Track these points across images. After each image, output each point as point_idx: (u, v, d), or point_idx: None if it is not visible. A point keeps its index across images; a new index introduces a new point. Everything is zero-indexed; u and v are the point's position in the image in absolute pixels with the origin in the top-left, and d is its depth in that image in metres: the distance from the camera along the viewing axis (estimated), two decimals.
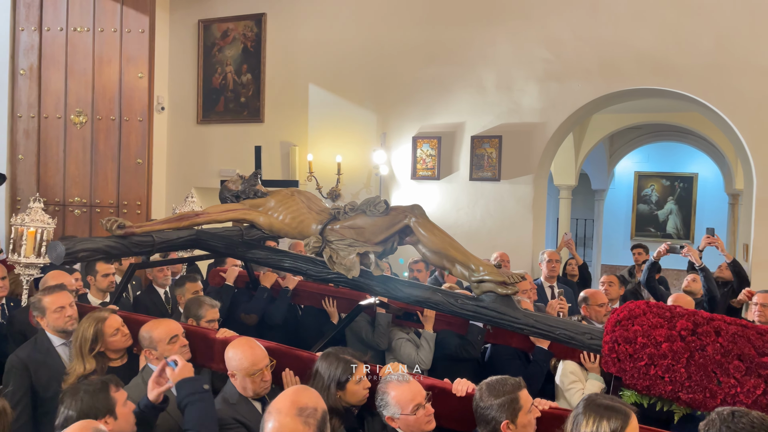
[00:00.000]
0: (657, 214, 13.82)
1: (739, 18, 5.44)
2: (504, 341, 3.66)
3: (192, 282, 4.06)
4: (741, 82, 5.45)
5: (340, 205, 3.28)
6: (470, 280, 2.93)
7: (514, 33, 6.28)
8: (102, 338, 2.93)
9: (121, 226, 3.33)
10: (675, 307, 2.64)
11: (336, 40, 7.06)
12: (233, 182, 3.69)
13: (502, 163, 6.38)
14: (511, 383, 2.35)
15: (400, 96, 6.80)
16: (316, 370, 2.60)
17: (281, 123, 7.36)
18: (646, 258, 6.23)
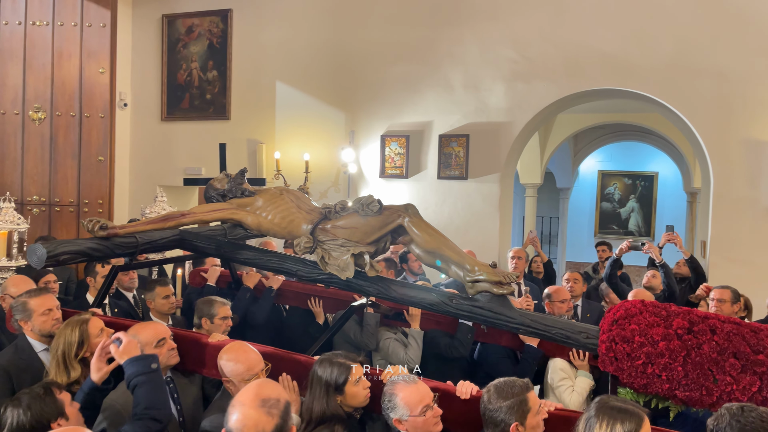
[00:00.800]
0: (619, 212, 14.15)
1: (698, 23, 5.60)
2: (493, 340, 3.64)
3: (162, 286, 3.93)
4: (699, 84, 5.61)
5: (331, 205, 3.21)
6: (465, 280, 2.89)
7: (481, 33, 6.34)
8: (88, 341, 2.81)
9: (104, 227, 3.22)
10: (669, 305, 2.66)
11: (304, 38, 7.02)
12: (219, 181, 3.59)
13: (469, 162, 6.43)
14: (520, 385, 2.33)
15: (369, 94, 6.80)
16: (312, 377, 2.52)
17: (248, 120, 7.28)
18: (609, 255, 6.37)
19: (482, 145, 6.39)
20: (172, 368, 2.83)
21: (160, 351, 2.72)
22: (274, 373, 2.66)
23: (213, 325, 3.41)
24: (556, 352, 3.46)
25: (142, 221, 3.47)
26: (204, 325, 3.43)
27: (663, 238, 5.58)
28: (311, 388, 2.49)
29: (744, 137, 5.49)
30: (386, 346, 3.73)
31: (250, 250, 3.56)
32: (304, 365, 2.71)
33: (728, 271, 5.43)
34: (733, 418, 1.97)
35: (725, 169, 5.57)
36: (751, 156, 5.47)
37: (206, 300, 3.52)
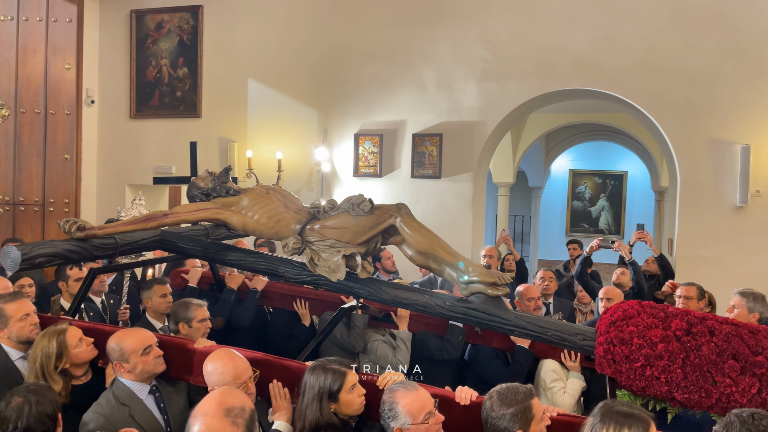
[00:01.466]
0: (590, 211, 14.37)
1: (665, 25, 5.71)
2: (484, 341, 3.58)
3: (161, 284, 3.81)
4: (666, 85, 5.72)
5: (319, 204, 3.12)
6: (458, 281, 2.83)
7: (454, 33, 6.36)
8: (66, 351, 2.69)
9: (81, 228, 3.09)
10: (667, 306, 2.64)
11: (276, 35, 6.95)
12: (202, 179, 3.46)
13: (442, 161, 6.46)
14: (523, 391, 2.26)
15: (342, 93, 6.77)
16: (304, 385, 2.44)
17: (219, 118, 7.18)
18: (580, 253, 6.46)
19: (455, 144, 6.42)
20: (157, 376, 2.73)
21: (146, 359, 2.62)
22: (264, 380, 2.57)
23: (191, 329, 3.28)
24: (547, 353, 3.43)
25: (122, 222, 3.35)
26: (182, 330, 3.31)
27: (634, 236, 5.68)
28: (304, 395, 2.41)
29: (709, 137, 5.61)
30: (374, 348, 3.64)
31: (237, 251, 3.44)
32: (295, 371, 2.63)
33: (695, 268, 5.55)
34: (743, 426, 1.94)
35: (691, 168, 5.69)
36: (716, 155, 5.60)
37: (182, 303, 3.38)
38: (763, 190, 5.46)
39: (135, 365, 2.60)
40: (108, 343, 2.66)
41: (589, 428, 1.95)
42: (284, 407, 2.54)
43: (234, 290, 4.10)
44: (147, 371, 2.63)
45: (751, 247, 5.49)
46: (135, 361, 2.60)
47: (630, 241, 5.70)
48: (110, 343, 2.65)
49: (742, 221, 5.54)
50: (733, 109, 5.53)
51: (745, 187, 5.43)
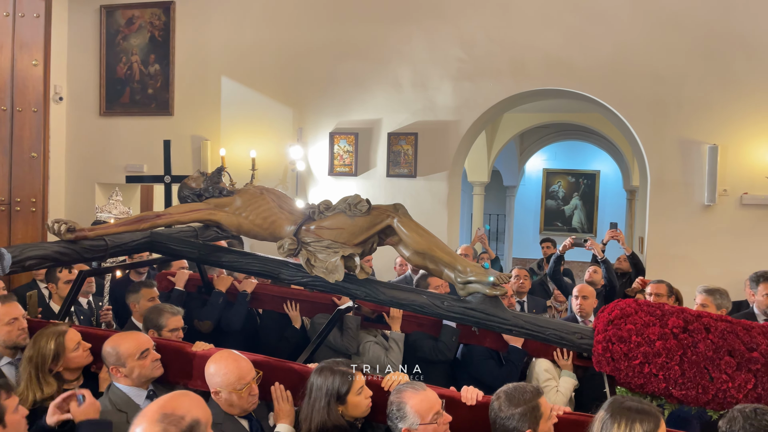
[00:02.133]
0: (563, 209, 14.55)
1: (635, 26, 5.80)
2: (477, 341, 3.57)
3: (148, 288, 3.73)
4: (637, 85, 5.82)
5: (314, 204, 3.07)
6: (456, 281, 2.81)
7: (429, 32, 6.38)
8: (63, 355, 2.61)
9: (72, 230, 3.01)
10: (663, 304, 2.66)
11: (250, 32, 6.88)
12: (194, 180, 3.38)
13: (418, 160, 6.47)
14: (530, 391, 2.26)
15: (317, 91, 6.73)
16: (310, 386, 2.42)
17: (192, 116, 7.08)
18: (554, 251, 6.54)
19: (431, 143, 6.44)
20: (154, 381, 2.67)
21: (143, 363, 2.56)
22: (265, 383, 2.53)
23: (161, 338, 3.21)
24: (539, 351, 3.43)
25: (114, 223, 3.27)
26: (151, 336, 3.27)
27: (607, 234, 5.77)
28: (310, 396, 2.39)
29: (679, 137, 5.72)
30: (366, 349, 3.60)
31: (230, 253, 3.38)
32: (297, 373, 2.60)
33: (665, 265, 5.66)
34: (746, 421, 1.96)
35: (661, 167, 5.80)
36: (685, 155, 5.71)
37: (155, 309, 3.30)
38: (730, 189, 5.59)
39: (132, 369, 2.54)
40: (104, 347, 2.59)
41: (599, 424, 1.94)
42: (287, 410, 2.52)
43: (223, 293, 4.02)
44: (144, 376, 2.58)
45: (718, 245, 5.62)
46: (132, 366, 2.54)
47: (603, 239, 5.79)
48: (106, 346, 2.59)
49: (710, 220, 5.66)
50: (701, 110, 5.65)
51: (712, 187, 5.55)
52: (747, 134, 5.53)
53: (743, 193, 5.55)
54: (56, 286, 3.97)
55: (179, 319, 3.27)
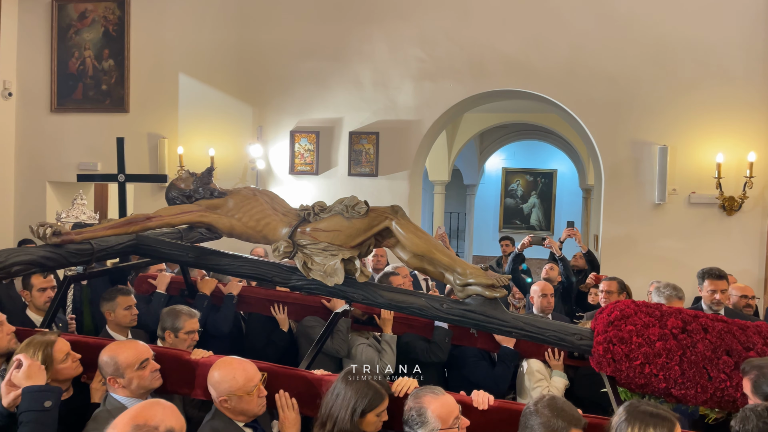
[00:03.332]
0: (522, 208, 14.81)
1: (590, 30, 5.96)
2: (469, 342, 3.55)
3: (125, 295, 3.54)
4: (592, 88, 5.98)
5: (308, 206, 2.99)
6: (455, 284, 2.77)
7: (390, 32, 6.40)
8: (51, 367, 2.45)
9: (57, 233, 2.87)
10: (661, 305, 2.70)
11: (209, 28, 6.77)
12: (183, 180, 3.26)
13: (379, 159, 6.49)
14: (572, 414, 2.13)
15: (277, 89, 6.68)
16: (338, 391, 2.35)
17: (148, 113, 6.93)
18: (512, 249, 6.66)
19: (392, 142, 6.47)
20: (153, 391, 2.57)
21: (142, 374, 2.45)
22: (269, 391, 2.46)
23: (177, 340, 3.13)
24: (531, 352, 3.43)
25: (102, 226, 3.09)
26: (167, 338, 3.17)
27: (564, 233, 5.92)
28: (337, 399, 2.34)
29: (631, 138, 5.91)
30: (359, 352, 3.53)
31: (222, 256, 3.27)
32: (303, 380, 2.54)
33: (619, 262, 5.84)
34: (759, 420, 1.99)
35: (615, 167, 5.98)
36: (637, 155, 5.90)
37: (171, 311, 3.21)
38: (679, 188, 5.80)
39: (130, 380, 2.44)
40: (100, 357, 2.48)
41: (614, 428, 1.95)
42: (292, 419, 2.46)
43: (207, 296, 3.91)
44: (143, 387, 2.48)
45: (668, 242, 5.83)
46: (130, 376, 2.44)
47: (560, 237, 5.93)
48: (103, 356, 2.47)
49: (660, 218, 5.86)
50: (652, 112, 5.85)
51: (663, 186, 5.75)
52: (695, 135, 5.75)
53: (691, 192, 5.77)
54: (30, 294, 3.73)
55: (196, 321, 3.21)
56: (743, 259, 5.65)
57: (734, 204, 5.62)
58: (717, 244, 5.70)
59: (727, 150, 5.62)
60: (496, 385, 3.31)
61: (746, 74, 5.61)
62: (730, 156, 5.61)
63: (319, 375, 2.57)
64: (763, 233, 5.64)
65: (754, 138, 5.60)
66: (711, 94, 5.69)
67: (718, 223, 5.73)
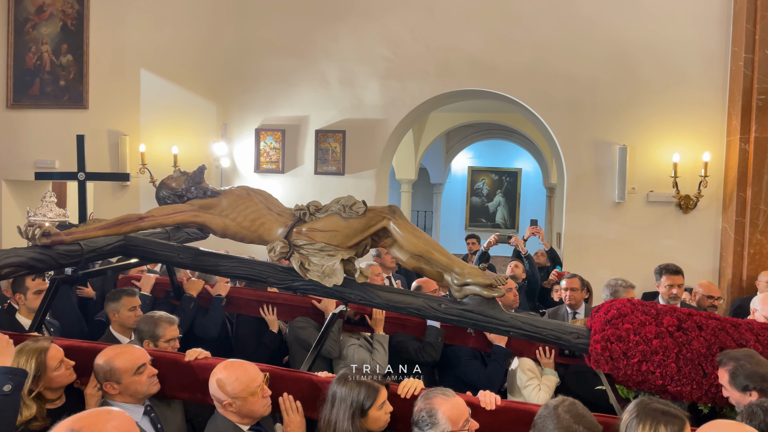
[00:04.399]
0: (488, 206, 14.99)
1: (553, 31, 6.07)
2: (461, 341, 3.54)
3: (130, 296, 3.47)
4: (554, 88, 6.09)
5: (303, 206, 2.94)
6: (453, 284, 2.76)
7: (356, 30, 6.40)
8: (44, 374, 2.37)
9: (46, 234, 2.76)
10: (656, 303, 2.75)
11: (171, 24, 6.66)
12: (175, 179, 3.17)
13: (346, 158, 6.48)
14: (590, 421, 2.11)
15: (242, 86, 6.61)
16: (333, 397, 2.31)
17: (109, 110, 6.77)
18: (478, 248, 6.74)
19: (358, 141, 6.47)
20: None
21: (139, 379, 2.39)
22: (273, 395, 2.42)
23: (156, 349, 3.04)
24: (522, 350, 3.45)
25: (93, 226, 2.98)
26: (145, 347, 3.03)
27: (528, 231, 6.02)
28: (333, 406, 2.31)
29: (592, 138, 6.04)
30: (351, 353, 3.49)
31: (215, 256, 3.21)
32: (306, 382, 2.50)
33: (580, 260, 5.97)
34: (767, 415, 2.02)
35: (576, 166, 6.10)
36: (598, 155, 6.04)
37: (148, 318, 3.10)
38: (638, 187, 5.96)
39: (127, 386, 2.39)
40: (96, 362, 2.42)
41: (624, 426, 1.96)
42: (297, 422, 2.44)
43: (194, 297, 3.83)
44: (140, 393, 2.42)
45: (627, 239, 5.98)
46: (127, 382, 2.38)
47: (524, 235, 6.03)
48: (99, 361, 2.41)
49: (620, 216, 6.02)
50: (612, 112, 5.99)
51: (622, 185, 5.91)
52: (653, 136, 5.91)
53: (649, 191, 5.94)
54: (24, 297, 3.59)
55: (176, 328, 3.12)
56: (698, 255, 5.84)
57: (690, 202, 5.81)
58: (674, 240, 5.88)
59: (683, 150, 5.80)
60: (489, 384, 3.28)
61: (702, 76, 5.79)
62: (685, 156, 5.79)
63: (324, 377, 2.54)
64: (717, 230, 5.84)
65: (708, 138, 5.80)
66: (668, 96, 5.86)
67: (675, 221, 5.91)
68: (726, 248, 5.71)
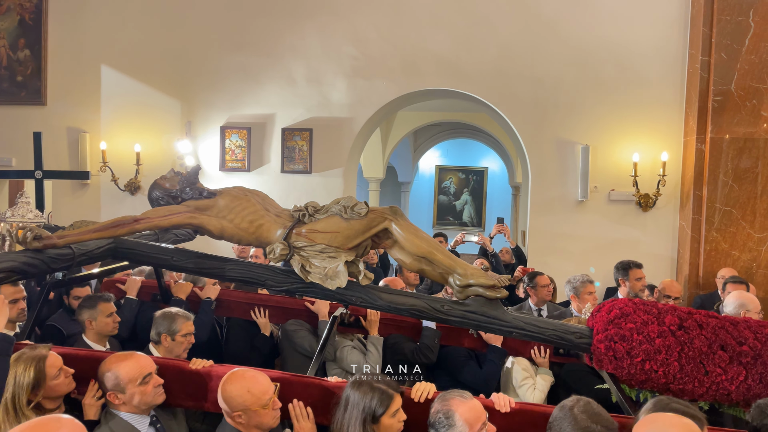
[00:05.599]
0: (455, 205, 15.10)
1: (518, 32, 6.15)
2: (456, 342, 3.56)
3: (106, 302, 3.39)
4: (519, 88, 6.18)
5: (301, 207, 2.88)
6: (455, 285, 2.75)
7: (323, 28, 6.37)
8: (43, 383, 2.30)
9: (38, 238, 2.64)
10: (656, 302, 2.78)
11: (133, 19, 6.52)
12: (169, 180, 3.07)
13: (313, 156, 6.46)
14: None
15: (207, 83, 6.51)
16: (346, 401, 2.28)
17: (68, 107, 6.60)
18: (446, 246, 6.79)
19: (326, 139, 6.45)
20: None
21: (144, 389, 2.31)
22: (282, 401, 2.38)
23: (174, 343, 3.10)
24: (518, 350, 3.48)
25: (87, 229, 2.89)
26: (164, 342, 3.09)
27: (494, 229, 6.10)
28: (345, 410, 2.27)
29: (556, 138, 6.15)
30: (345, 354, 3.47)
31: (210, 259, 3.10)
32: (317, 388, 2.47)
33: (545, 258, 6.07)
34: None
35: (541, 165, 6.21)
36: (561, 154, 6.15)
37: (167, 314, 3.16)
38: (600, 186, 6.09)
39: (132, 396, 2.33)
40: (100, 370, 2.36)
41: None
42: (308, 429, 2.40)
43: (183, 301, 3.76)
44: (145, 403, 2.37)
45: (589, 237, 6.11)
46: (132, 392, 2.32)
47: (490, 233, 6.10)
48: (104, 370, 2.35)
49: (583, 214, 6.14)
50: (575, 112, 6.11)
51: (585, 184, 6.03)
52: (614, 135, 6.05)
53: (611, 189, 6.08)
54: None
55: (191, 323, 3.16)
56: (658, 252, 6.01)
57: (649, 201, 5.97)
58: (634, 238, 6.04)
59: (643, 150, 5.95)
60: (486, 385, 3.34)
61: (660, 78, 5.95)
62: (645, 155, 5.95)
63: (334, 382, 2.51)
64: (675, 228, 6.01)
65: (666, 139, 5.96)
66: (629, 97, 6.00)
67: (635, 219, 6.06)
68: (683, 245, 5.88)
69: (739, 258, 5.57)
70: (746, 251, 5.57)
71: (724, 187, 5.59)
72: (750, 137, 5.55)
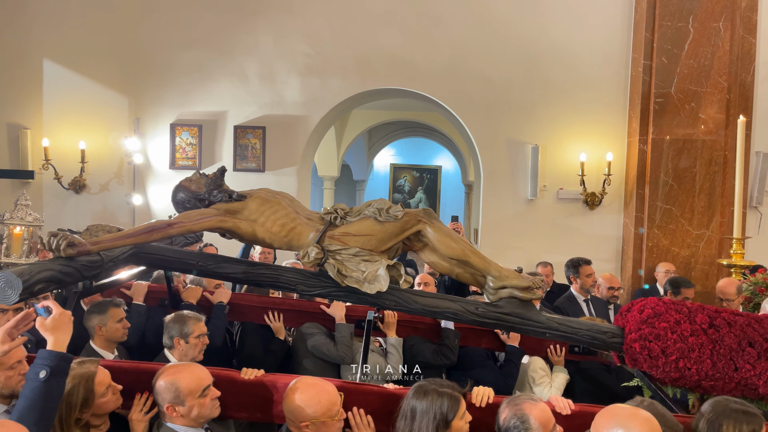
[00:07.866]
0: (410, 203, 15.24)
1: (470, 33, 6.25)
2: (475, 343, 3.54)
3: (116, 307, 3.25)
4: (471, 88, 6.28)
5: (330, 210, 2.81)
6: (488, 287, 2.73)
7: (276, 25, 6.32)
8: (92, 401, 2.20)
9: (72, 245, 2.51)
10: (685, 302, 2.84)
11: (77, 11, 6.30)
12: (194, 182, 2.97)
13: (266, 155, 6.39)
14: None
15: (156, 79, 6.35)
16: (412, 411, 2.21)
17: (7, 102, 6.33)
18: None
19: (279, 137, 6.40)
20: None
21: (203, 402, 2.22)
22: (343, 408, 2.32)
23: (188, 346, 3.00)
24: (535, 349, 3.51)
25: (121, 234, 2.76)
26: (177, 346, 2.99)
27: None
28: (414, 421, 2.20)
29: (507, 137, 6.28)
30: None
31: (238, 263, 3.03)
32: (376, 395, 2.43)
33: (497, 255, 6.14)
34: None
35: (492, 165, 6.33)
36: (512, 153, 6.29)
37: (178, 316, 3.07)
38: (549, 185, 6.26)
39: (190, 408, 2.24)
40: (157, 382, 2.27)
41: (705, 424, 2.05)
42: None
43: (195, 306, 3.62)
44: (203, 416, 2.28)
45: (539, 234, 6.27)
46: (191, 404, 2.24)
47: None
48: (162, 381, 2.26)
49: (532, 212, 6.30)
50: (525, 113, 6.25)
51: (534, 182, 6.19)
52: (562, 136, 6.23)
53: (559, 188, 6.26)
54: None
55: (203, 324, 3.09)
56: (604, 249, 6.22)
57: (595, 199, 6.17)
58: (582, 235, 6.23)
59: (590, 150, 6.15)
60: (505, 384, 3.37)
61: (605, 80, 6.16)
62: (591, 155, 6.15)
63: (392, 389, 2.48)
64: (620, 225, 6.24)
65: (611, 139, 6.18)
66: (576, 98, 6.19)
67: (582, 217, 6.26)
68: (627, 242, 6.11)
69: (679, 254, 5.82)
70: (685, 247, 5.83)
71: (664, 186, 5.83)
72: (689, 138, 5.81)
